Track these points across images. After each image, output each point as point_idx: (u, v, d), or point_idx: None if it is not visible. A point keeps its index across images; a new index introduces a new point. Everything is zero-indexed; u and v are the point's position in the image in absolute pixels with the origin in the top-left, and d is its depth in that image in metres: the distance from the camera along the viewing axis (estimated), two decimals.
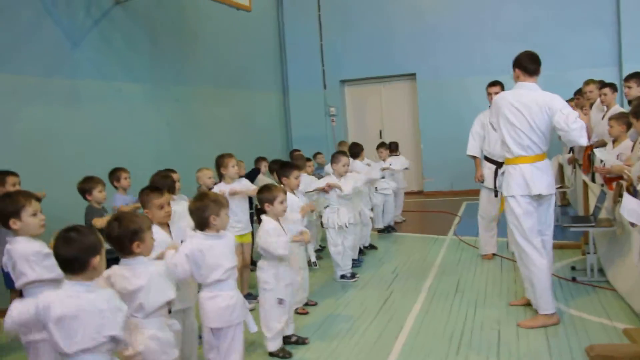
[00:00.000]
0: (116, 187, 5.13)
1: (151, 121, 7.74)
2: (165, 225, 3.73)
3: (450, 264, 6.22)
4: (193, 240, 3.29)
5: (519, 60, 4.26)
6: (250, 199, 5.63)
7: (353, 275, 5.88)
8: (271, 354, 4.03)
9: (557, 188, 6.60)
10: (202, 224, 3.33)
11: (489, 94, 5.95)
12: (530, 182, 4.17)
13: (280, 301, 4.02)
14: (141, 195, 3.72)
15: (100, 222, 4.39)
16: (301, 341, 4.23)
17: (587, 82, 6.99)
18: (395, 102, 12.25)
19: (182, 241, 3.60)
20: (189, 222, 3.54)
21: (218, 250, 3.28)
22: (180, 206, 4.10)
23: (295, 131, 12.52)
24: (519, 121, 4.15)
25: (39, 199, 3.33)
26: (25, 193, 3.31)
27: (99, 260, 2.41)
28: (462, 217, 8.90)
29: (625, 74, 9.45)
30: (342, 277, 5.83)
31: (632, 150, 5.07)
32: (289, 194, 4.41)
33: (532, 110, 4.12)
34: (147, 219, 3.03)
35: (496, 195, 6.06)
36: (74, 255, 2.37)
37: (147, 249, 2.90)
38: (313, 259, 5.04)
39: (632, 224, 3.95)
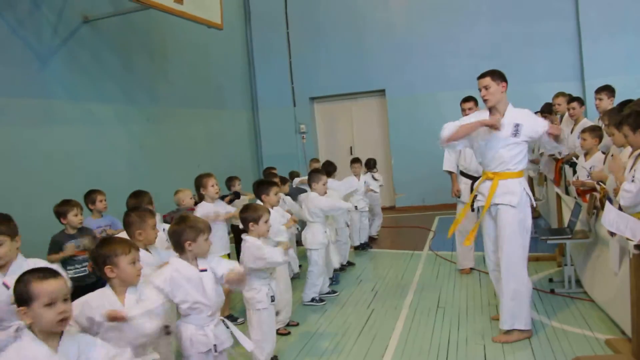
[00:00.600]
0: (91, 210, 4.97)
1: (123, 142, 7.58)
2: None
3: (429, 280, 6.20)
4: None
5: (503, 75, 4.22)
6: None
7: (333, 292, 5.86)
8: None
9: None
10: (178, 248, 3.20)
11: (463, 110, 5.92)
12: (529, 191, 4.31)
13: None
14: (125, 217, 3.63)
15: (55, 257, 4.25)
16: None
17: (557, 95, 7.04)
18: (365, 118, 12.29)
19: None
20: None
21: (177, 281, 3.12)
22: None
23: (265, 149, 12.44)
24: None
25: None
26: None
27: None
28: (436, 232, 8.91)
29: (587, 87, 9.80)
30: (313, 299, 5.63)
31: (604, 163, 5.18)
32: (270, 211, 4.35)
33: None
34: (127, 244, 2.89)
35: (473, 210, 6.08)
36: None
37: (124, 274, 2.75)
38: (296, 269, 5.51)
39: (611, 234, 4.02)
